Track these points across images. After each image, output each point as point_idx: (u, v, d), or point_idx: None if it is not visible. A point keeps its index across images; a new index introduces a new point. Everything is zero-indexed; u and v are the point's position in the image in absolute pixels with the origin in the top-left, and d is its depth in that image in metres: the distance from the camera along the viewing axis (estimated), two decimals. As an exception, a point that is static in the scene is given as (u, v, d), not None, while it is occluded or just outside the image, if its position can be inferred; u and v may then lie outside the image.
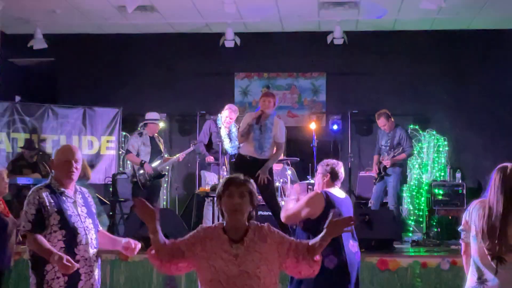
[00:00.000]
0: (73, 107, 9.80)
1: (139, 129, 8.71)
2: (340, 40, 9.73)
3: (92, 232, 3.72)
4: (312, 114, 10.27)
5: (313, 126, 8.89)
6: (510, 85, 9.93)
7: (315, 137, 8.53)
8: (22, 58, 10.44)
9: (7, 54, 9.55)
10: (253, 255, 2.91)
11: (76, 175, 3.77)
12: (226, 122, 8.21)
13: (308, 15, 9.59)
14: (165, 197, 9.85)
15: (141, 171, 8.19)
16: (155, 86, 10.44)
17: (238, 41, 9.91)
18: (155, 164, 8.30)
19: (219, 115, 8.28)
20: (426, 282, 6.15)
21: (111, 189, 9.01)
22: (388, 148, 8.28)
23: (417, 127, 9.77)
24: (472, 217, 3.50)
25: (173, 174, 9.98)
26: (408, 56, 10.20)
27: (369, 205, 8.38)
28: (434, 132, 9.73)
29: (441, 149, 9.68)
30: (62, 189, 3.74)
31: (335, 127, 9.88)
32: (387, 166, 8.17)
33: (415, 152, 9.61)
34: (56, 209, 3.62)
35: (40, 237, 3.56)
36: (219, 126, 8.21)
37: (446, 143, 9.72)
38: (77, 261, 3.56)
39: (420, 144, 9.69)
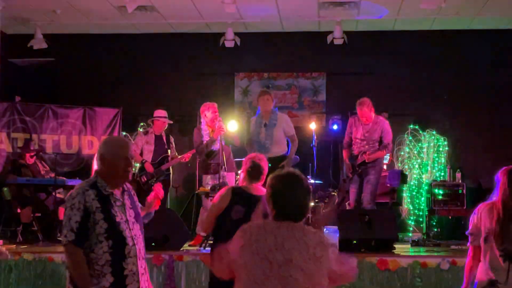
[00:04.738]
0: (73, 107, 9.79)
1: (147, 127, 8.70)
2: (340, 40, 9.71)
3: (140, 241, 3.26)
4: (312, 114, 10.26)
5: (313, 126, 8.88)
6: (510, 85, 9.93)
7: (315, 137, 8.52)
8: (22, 58, 10.42)
9: (7, 54, 9.55)
10: None
11: (131, 174, 3.32)
12: (212, 120, 7.77)
13: (308, 15, 9.58)
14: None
15: (143, 170, 8.19)
16: (155, 86, 10.44)
17: (238, 41, 9.90)
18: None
19: (202, 121, 7.87)
20: (426, 282, 6.15)
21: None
22: (365, 142, 7.51)
23: (417, 127, 9.76)
24: (482, 219, 3.50)
25: (173, 175, 9.96)
26: (408, 56, 10.18)
27: (347, 207, 7.78)
28: (434, 132, 9.71)
29: (441, 149, 9.67)
30: (110, 190, 3.22)
31: (335, 127, 9.87)
32: (367, 161, 7.39)
33: (416, 151, 9.61)
34: (103, 215, 3.13)
35: (83, 257, 3.10)
36: (207, 131, 7.81)
37: (446, 143, 9.71)
38: (125, 277, 3.14)
39: (420, 144, 9.69)
